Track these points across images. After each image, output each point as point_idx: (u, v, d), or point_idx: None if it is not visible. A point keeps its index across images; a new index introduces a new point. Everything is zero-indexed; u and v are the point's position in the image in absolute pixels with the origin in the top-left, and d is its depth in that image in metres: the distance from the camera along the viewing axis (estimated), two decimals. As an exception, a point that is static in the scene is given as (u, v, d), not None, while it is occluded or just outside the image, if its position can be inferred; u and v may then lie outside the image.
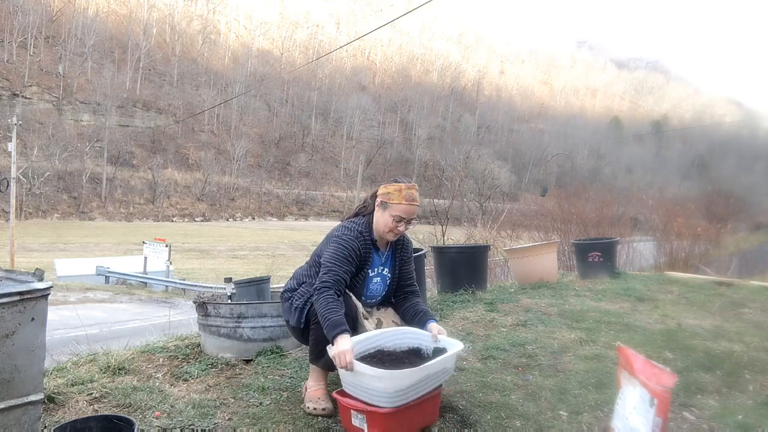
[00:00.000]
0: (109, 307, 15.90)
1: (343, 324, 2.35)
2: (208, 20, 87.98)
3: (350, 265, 2.56)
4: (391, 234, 2.64)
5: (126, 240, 40.88)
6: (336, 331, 2.32)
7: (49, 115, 61.27)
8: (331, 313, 2.38)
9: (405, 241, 2.82)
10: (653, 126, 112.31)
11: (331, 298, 2.43)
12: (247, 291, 4.13)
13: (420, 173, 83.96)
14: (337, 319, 2.36)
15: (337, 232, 2.66)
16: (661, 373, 1.89)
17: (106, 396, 2.66)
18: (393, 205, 2.60)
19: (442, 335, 2.54)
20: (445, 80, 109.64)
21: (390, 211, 2.60)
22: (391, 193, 2.61)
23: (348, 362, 2.23)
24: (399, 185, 2.62)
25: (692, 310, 5.27)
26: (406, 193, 2.59)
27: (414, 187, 2.64)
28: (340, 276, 2.51)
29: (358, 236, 2.61)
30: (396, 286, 2.82)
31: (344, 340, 2.29)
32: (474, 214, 36.25)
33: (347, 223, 2.71)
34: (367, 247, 2.64)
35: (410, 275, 2.83)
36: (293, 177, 75.42)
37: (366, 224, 2.69)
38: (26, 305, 1.98)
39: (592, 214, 16.65)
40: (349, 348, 2.26)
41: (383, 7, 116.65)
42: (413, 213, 2.62)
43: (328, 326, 2.35)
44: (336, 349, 2.27)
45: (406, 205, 2.58)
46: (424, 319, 2.64)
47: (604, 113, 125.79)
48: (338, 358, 2.25)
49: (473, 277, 5.88)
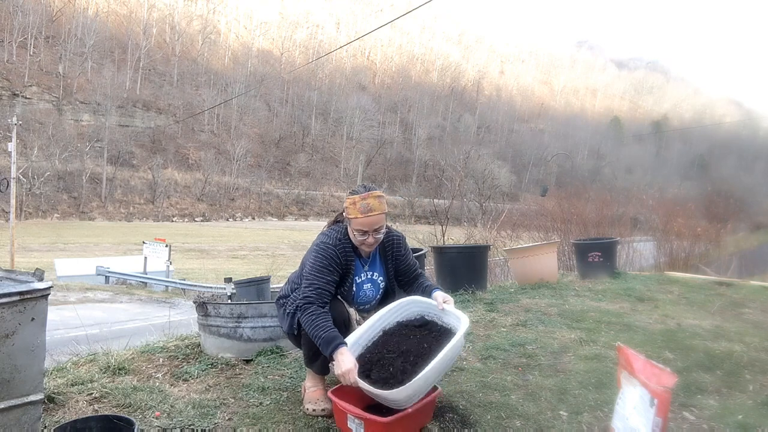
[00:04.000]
0: (109, 307, 15.89)
1: (336, 338, 2.31)
2: (208, 20, 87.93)
3: (331, 274, 2.49)
4: (364, 246, 2.55)
5: (126, 240, 40.86)
6: (331, 347, 2.28)
7: (49, 115, 61.24)
8: (320, 330, 2.34)
9: (392, 239, 2.69)
10: (653, 126, 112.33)
11: (314, 314, 2.38)
12: (247, 291, 4.14)
13: (420, 173, 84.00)
14: (328, 335, 2.31)
15: (317, 240, 2.61)
16: (661, 373, 1.89)
17: (106, 396, 2.66)
18: (351, 219, 2.49)
19: (448, 304, 2.50)
20: (445, 80, 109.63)
21: (351, 226, 2.51)
22: (348, 207, 2.50)
23: (353, 382, 2.22)
24: (353, 198, 2.48)
25: (692, 310, 5.27)
26: (360, 205, 2.45)
27: (371, 194, 2.46)
28: (321, 287, 2.46)
29: (336, 244, 2.54)
30: (402, 282, 2.75)
31: (345, 358, 2.25)
32: (474, 214, 36.27)
33: (327, 231, 2.64)
34: (348, 255, 2.56)
35: (411, 268, 2.73)
36: (293, 177, 75.41)
37: (345, 231, 2.60)
38: (26, 305, 1.98)
39: (592, 214, 16.63)
40: (351, 367, 2.22)
41: (383, 7, 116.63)
42: (374, 224, 2.46)
43: (322, 344, 2.32)
44: (339, 369, 2.24)
45: (362, 218, 2.45)
46: (429, 290, 2.61)
47: (604, 113, 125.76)
48: (342, 379, 2.24)
49: (473, 277, 5.89)
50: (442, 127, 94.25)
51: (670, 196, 24.74)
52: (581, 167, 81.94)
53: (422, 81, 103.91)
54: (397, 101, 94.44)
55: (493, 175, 70.25)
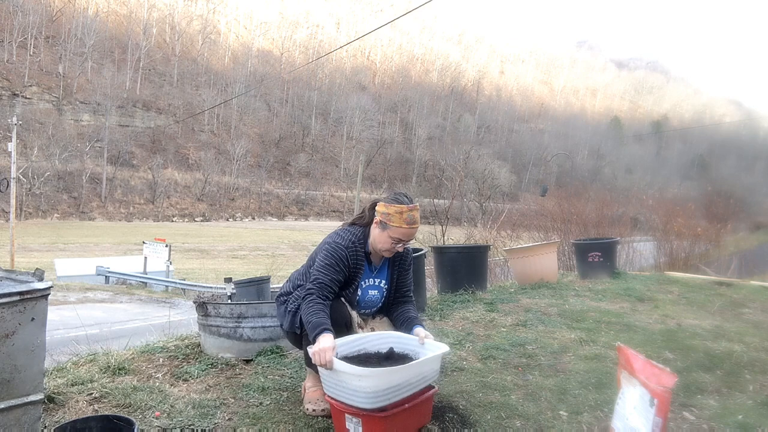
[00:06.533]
0: (109, 307, 15.89)
1: (324, 324, 2.32)
2: (208, 20, 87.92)
3: (338, 273, 2.51)
4: (388, 253, 2.60)
5: (126, 240, 40.88)
6: (317, 330, 2.29)
7: (49, 115, 61.25)
8: (314, 315, 2.36)
9: (404, 252, 2.73)
10: (653, 126, 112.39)
11: (314, 302, 2.41)
12: (247, 291, 4.13)
13: (420, 173, 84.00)
14: (318, 320, 2.33)
15: (329, 239, 2.62)
16: (661, 373, 1.89)
17: (106, 396, 2.66)
18: (393, 227, 2.51)
19: (428, 339, 2.50)
20: (445, 80, 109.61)
21: (389, 233, 2.53)
22: (392, 214, 2.51)
23: (327, 360, 2.16)
24: (400, 207, 2.51)
25: (692, 310, 5.27)
26: (407, 216, 2.50)
27: (415, 208, 2.54)
28: (325, 283, 2.48)
29: (349, 246, 2.56)
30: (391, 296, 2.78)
31: (325, 338, 2.25)
32: (474, 214, 36.29)
33: (342, 231, 2.66)
34: (359, 259, 2.59)
35: (407, 285, 2.79)
36: (293, 177, 75.42)
37: (362, 235, 2.63)
38: (26, 305, 1.98)
39: (592, 214, 16.61)
40: (329, 346, 2.20)
41: (383, 7, 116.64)
42: (413, 236, 2.57)
43: (311, 327, 2.33)
44: (316, 347, 2.21)
45: (406, 228, 2.51)
46: (411, 325, 2.60)
47: (604, 113, 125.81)
48: (318, 355, 2.19)
49: (473, 277, 5.89)
50: (442, 127, 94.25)
51: (670, 196, 24.73)
52: (581, 167, 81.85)
53: (422, 81, 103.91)
54: (397, 101, 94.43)
55: (493, 175, 70.29)
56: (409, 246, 2.78)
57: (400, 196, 2.59)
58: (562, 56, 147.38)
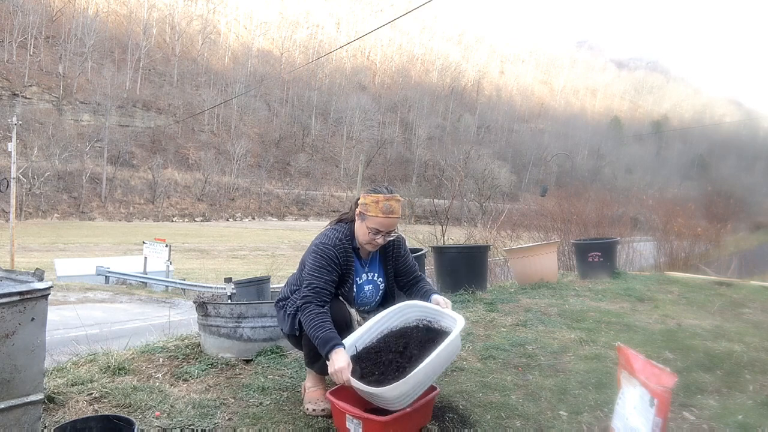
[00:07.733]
0: (109, 307, 15.88)
1: (333, 338, 2.31)
2: (208, 20, 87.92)
3: (330, 274, 2.50)
4: (370, 245, 2.57)
5: (126, 240, 40.87)
6: (328, 347, 2.29)
7: (49, 115, 61.25)
8: (319, 329, 2.34)
9: (392, 241, 2.68)
10: (653, 126, 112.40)
11: (313, 313, 2.39)
12: (247, 291, 4.13)
13: (420, 173, 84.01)
14: (325, 334, 2.32)
15: (317, 240, 2.61)
16: (661, 373, 1.89)
17: (106, 396, 2.66)
18: (369, 217, 2.50)
19: (446, 308, 2.51)
20: (445, 80, 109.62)
21: (367, 223, 2.52)
22: (368, 204, 2.50)
23: (345, 380, 2.22)
24: (377, 196, 2.50)
25: (692, 310, 5.27)
26: (383, 205, 2.48)
27: (394, 197, 2.51)
28: (320, 286, 2.46)
29: (336, 244, 2.54)
30: (402, 284, 2.76)
31: (339, 357, 2.25)
32: (474, 214, 36.30)
33: (328, 230, 2.64)
34: (348, 256, 2.57)
35: (412, 268, 2.76)
36: (293, 177, 75.42)
37: (348, 231, 2.61)
38: (26, 305, 1.98)
39: (592, 214, 16.61)
40: (344, 365, 2.23)
41: (383, 7, 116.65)
42: (391, 226, 2.51)
43: (320, 343, 2.32)
44: (331, 368, 2.24)
45: (382, 218, 2.48)
46: (428, 294, 2.62)
47: (604, 113, 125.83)
48: (335, 377, 2.24)
49: (473, 277, 5.89)
50: (442, 127, 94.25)
51: (670, 196, 24.74)
52: (581, 167, 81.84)
53: (422, 81, 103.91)
54: (397, 101, 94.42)
55: (493, 175, 70.30)
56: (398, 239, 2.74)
57: (380, 186, 2.58)
58: (562, 56, 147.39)
